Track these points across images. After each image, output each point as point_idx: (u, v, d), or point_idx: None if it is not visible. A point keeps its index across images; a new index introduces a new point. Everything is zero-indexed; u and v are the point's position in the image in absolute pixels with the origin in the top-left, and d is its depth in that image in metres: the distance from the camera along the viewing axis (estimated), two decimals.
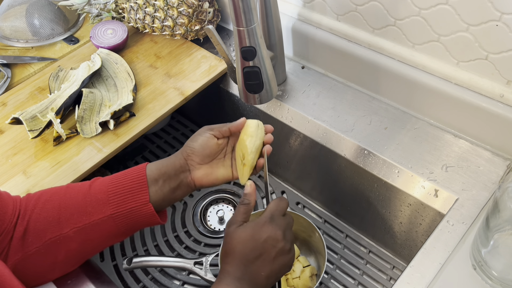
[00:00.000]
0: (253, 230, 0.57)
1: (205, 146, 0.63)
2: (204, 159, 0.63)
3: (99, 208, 0.59)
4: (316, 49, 0.86)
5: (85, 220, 0.59)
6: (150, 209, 0.60)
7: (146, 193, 0.60)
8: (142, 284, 0.86)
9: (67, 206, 0.59)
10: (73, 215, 0.59)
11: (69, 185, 0.63)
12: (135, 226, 0.62)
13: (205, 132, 0.64)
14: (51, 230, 0.58)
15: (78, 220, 0.59)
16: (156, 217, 0.61)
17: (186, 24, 0.93)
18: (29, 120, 0.80)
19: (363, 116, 0.80)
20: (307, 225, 0.82)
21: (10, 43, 1.02)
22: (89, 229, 0.59)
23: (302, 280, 0.81)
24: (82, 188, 0.61)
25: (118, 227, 0.60)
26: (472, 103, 0.70)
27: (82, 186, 0.62)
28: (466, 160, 0.72)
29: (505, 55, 0.64)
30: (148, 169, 0.62)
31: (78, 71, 0.88)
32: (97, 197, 0.60)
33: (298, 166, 0.92)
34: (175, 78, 0.90)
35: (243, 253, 0.56)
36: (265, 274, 0.56)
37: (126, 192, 0.60)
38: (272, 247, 0.56)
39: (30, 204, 0.60)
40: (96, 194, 0.60)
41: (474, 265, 0.60)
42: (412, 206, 0.73)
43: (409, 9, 0.69)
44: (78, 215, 0.59)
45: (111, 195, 0.60)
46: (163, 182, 0.61)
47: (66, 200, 0.60)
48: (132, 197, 0.60)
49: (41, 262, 0.59)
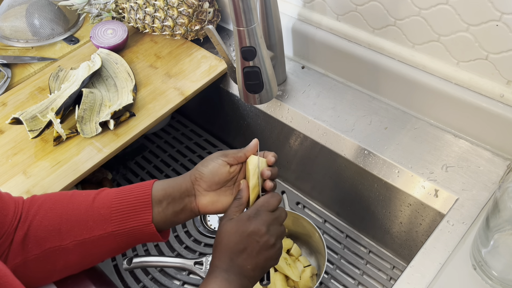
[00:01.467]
0: (237, 224, 0.57)
1: (215, 173, 0.60)
2: (212, 186, 0.61)
3: (101, 224, 0.58)
4: (316, 49, 0.86)
5: (85, 234, 0.58)
6: (152, 229, 0.59)
7: (149, 213, 0.59)
8: (142, 284, 0.86)
9: (69, 217, 0.59)
10: (74, 227, 0.58)
11: (74, 193, 0.62)
12: (136, 243, 0.61)
13: (218, 158, 0.61)
14: (51, 240, 0.58)
15: (79, 234, 0.58)
16: (158, 237, 0.60)
17: (186, 24, 0.93)
18: (29, 120, 0.80)
19: (363, 116, 0.80)
20: (307, 225, 0.82)
21: (10, 43, 1.02)
22: (89, 243, 0.58)
23: (302, 280, 0.81)
24: (86, 199, 0.60)
25: (118, 243, 0.60)
26: (472, 103, 0.69)
27: (86, 197, 0.61)
28: (466, 160, 0.72)
29: (505, 55, 0.64)
30: (154, 188, 0.60)
31: (78, 71, 0.88)
32: (99, 212, 0.59)
33: (298, 166, 0.92)
34: (175, 78, 0.90)
35: (228, 246, 0.56)
36: (251, 267, 0.56)
37: (130, 211, 0.59)
38: (256, 241, 0.56)
39: (33, 209, 0.59)
40: (99, 208, 0.59)
41: (474, 265, 0.60)
42: (412, 206, 0.73)
43: (409, 9, 0.69)
44: (79, 228, 0.58)
45: (114, 211, 0.59)
46: (167, 204, 0.60)
47: (68, 211, 0.59)
48: (135, 216, 0.59)
49: (40, 268, 0.59)
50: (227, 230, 0.57)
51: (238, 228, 0.57)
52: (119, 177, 1.05)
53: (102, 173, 0.99)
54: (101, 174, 0.98)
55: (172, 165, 1.07)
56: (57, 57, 0.99)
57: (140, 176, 1.04)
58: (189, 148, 1.10)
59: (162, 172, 1.05)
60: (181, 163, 1.07)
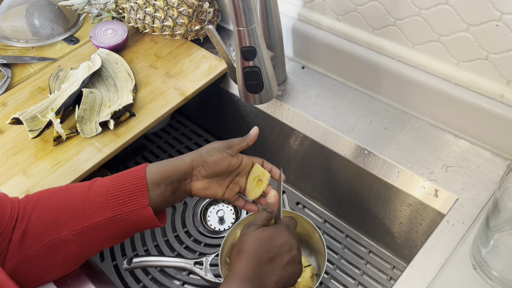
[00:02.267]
0: (272, 232, 0.58)
1: (218, 164, 0.63)
2: (210, 175, 0.64)
3: (98, 211, 0.59)
4: (316, 49, 0.86)
5: (84, 223, 0.59)
6: (149, 212, 0.60)
7: (145, 196, 0.60)
8: (142, 284, 0.86)
9: (66, 209, 0.59)
10: (72, 218, 0.59)
11: (68, 186, 0.63)
12: (134, 229, 0.62)
13: (223, 151, 0.64)
14: (50, 233, 0.58)
15: (77, 223, 0.59)
16: (155, 220, 0.61)
17: (186, 24, 0.93)
18: (29, 120, 0.80)
19: (363, 116, 0.80)
20: (307, 225, 0.82)
21: (10, 43, 1.02)
22: (88, 231, 0.59)
23: (303, 281, 0.81)
24: (81, 189, 0.61)
25: (117, 229, 0.60)
26: (472, 103, 0.69)
27: (81, 187, 0.61)
28: (466, 160, 0.72)
29: (505, 55, 0.64)
30: (149, 171, 0.61)
31: (78, 71, 0.88)
32: (96, 200, 0.59)
33: (298, 166, 0.92)
34: (175, 78, 0.90)
35: (258, 253, 0.56)
36: (275, 279, 0.56)
37: (126, 195, 0.60)
38: (287, 252, 0.57)
39: (29, 206, 0.59)
40: (96, 196, 0.60)
41: (474, 265, 0.60)
42: (412, 206, 0.73)
43: (409, 9, 0.69)
44: (77, 218, 0.59)
45: (111, 197, 0.59)
46: (165, 186, 0.62)
47: (65, 203, 0.60)
48: (131, 200, 0.60)
49: (40, 264, 0.59)
50: (259, 236, 0.57)
51: (272, 237, 0.57)
52: None
53: (102, 173, 0.99)
54: (101, 174, 0.98)
55: None
56: (57, 57, 0.99)
57: None
58: (189, 148, 1.10)
59: None
60: None
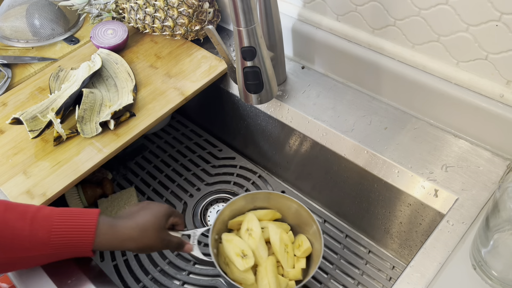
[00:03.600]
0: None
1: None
2: None
3: (39, 247, 0.58)
4: (316, 49, 0.86)
5: (20, 253, 0.58)
6: (89, 254, 0.62)
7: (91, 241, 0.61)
8: (142, 284, 0.86)
9: (3, 236, 0.57)
10: (7, 245, 0.57)
11: (7, 208, 0.59)
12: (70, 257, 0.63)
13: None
14: None
15: (13, 252, 0.58)
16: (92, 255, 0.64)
17: (186, 24, 0.93)
18: (29, 120, 0.80)
19: (363, 116, 0.81)
20: (305, 215, 0.80)
21: (10, 43, 1.02)
22: (23, 259, 0.59)
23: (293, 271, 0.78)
24: (23, 216, 0.58)
25: (49, 260, 0.61)
26: (472, 103, 0.70)
27: (23, 214, 0.59)
28: (466, 160, 0.72)
29: (505, 55, 0.64)
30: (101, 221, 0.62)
31: (78, 71, 0.88)
32: (38, 235, 0.58)
33: (298, 166, 0.92)
34: (175, 78, 0.91)
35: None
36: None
37: (71, 237, 0.60)
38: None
39: None
40: (38, 231, 0.58)
41: (474, 265, 0.60)
42: (412, 206, 0.73)
43: (409, 9, 0.69)
44: (13, 249, 0.58)
45: (54, 235, 0.59)
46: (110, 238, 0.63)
47: (1, 231, 0.57)
48: (77, 242, 0.60)
49: None
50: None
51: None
52: (119, 177, 1.05)
53: (102, 173, 0.99)
54: (101, 174, 0.98)
55: (172, 165, 1.07)
56: (57, 57, 1.00)
57: (140, 176, 1.04)
58: (189, 148, 1.10)
59: (162, 172, 1.05)
60: (181, 163, 1.07)
